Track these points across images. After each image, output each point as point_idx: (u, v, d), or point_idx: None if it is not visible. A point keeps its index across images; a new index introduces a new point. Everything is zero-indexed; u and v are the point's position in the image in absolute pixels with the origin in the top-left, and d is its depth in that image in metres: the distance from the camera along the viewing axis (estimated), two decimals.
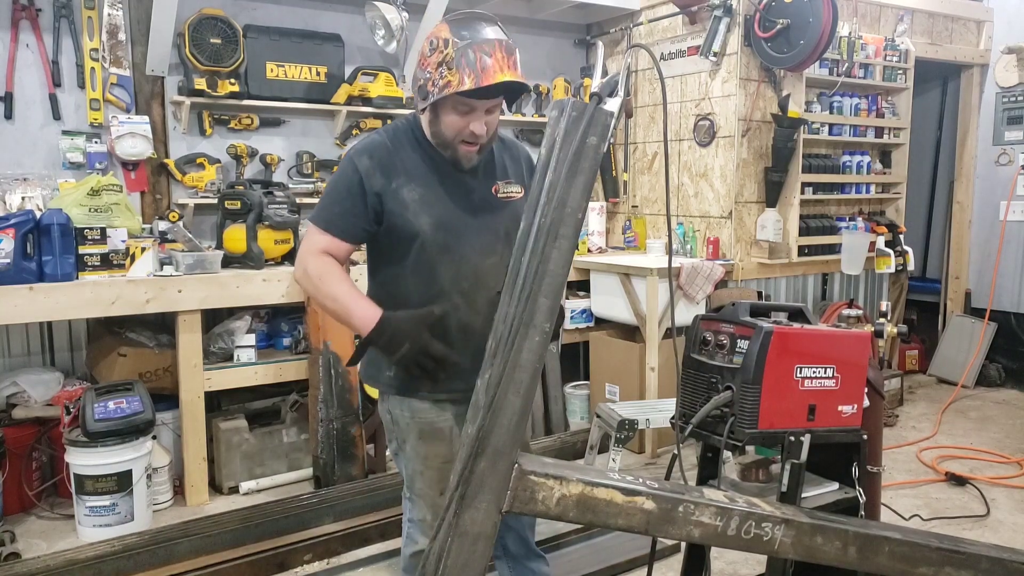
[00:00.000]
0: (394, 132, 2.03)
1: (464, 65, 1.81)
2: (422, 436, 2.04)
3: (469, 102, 1.87)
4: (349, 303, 1.93)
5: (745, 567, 3.03)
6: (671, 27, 4.99)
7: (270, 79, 4.33)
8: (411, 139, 2.01)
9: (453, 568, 1.30)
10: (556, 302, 1.33)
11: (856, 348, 1.82)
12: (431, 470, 2.03)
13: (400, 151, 1.98)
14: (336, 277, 1.95)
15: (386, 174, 1.94)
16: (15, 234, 3.26)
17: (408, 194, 1.94)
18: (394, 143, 1.99)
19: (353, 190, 1.94)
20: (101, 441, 3.31)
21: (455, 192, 1.98)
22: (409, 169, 1.96)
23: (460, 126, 1.90)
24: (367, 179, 1.93)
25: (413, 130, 2.02)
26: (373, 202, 1.94)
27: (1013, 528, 3.48)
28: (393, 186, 1.94)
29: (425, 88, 1.90)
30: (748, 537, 1.50)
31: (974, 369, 5.71)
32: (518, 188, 2.07)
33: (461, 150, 1.94)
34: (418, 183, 1.96)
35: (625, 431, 3.53)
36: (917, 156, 5.93)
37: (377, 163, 1.94)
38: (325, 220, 1.97)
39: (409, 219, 1.94)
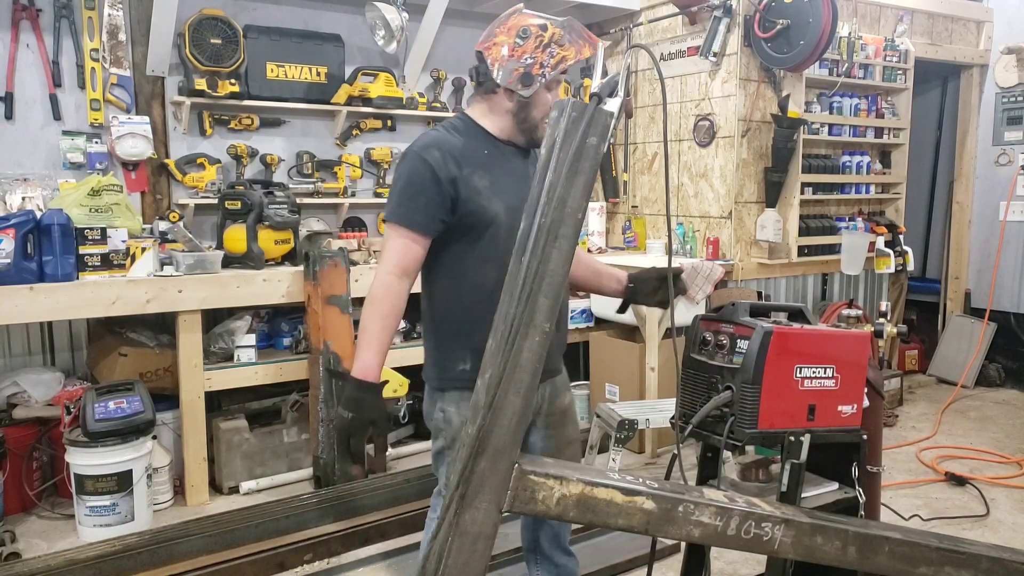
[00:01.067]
0: (452, 127, 2.09)
1: (575, 39, 1.99)
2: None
3: (561, 77, 2.05)
4: (364, 344, 1.96)
5: (745, 567, 3.03)
6: (671, 27, 5.00)
7: (270, 79, 4.34)
8: (470, 132, 2.08)
9: (453, 568, 1.30)
10: (556, 302, 1.33)
11: (856, 348, 1.82)
12: None
13: (460, 141, 2.04)
14: (382, 311, 1.98)
15: (456, 163, 1.99)
16: (15, 234, 3.26)
17: (479, 181, 2.00)
18: (451, 135, 2.06)
19: (427, 183, 1.97)
20: (101, 441, 3.31)
21: (518, 179, 2.07)
22: (475, 158, 2.03)
23: (549, 104, 2.01)
24: (439, 169, 1.97)
25: (468, 125, 2.09)
26: (449, 191, 1.97)
27: (1013, 528, 3.48)
28: (465, 173, 1.99)
29: (530, 74, 1.99)
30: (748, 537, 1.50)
31: (974, 369, 5.71)
32: None
33: (543, 128, 2.00)
34: (485, 171, 2.03)
35: (625, 431, 3.54)
36: (917, 156, 5.93)
37: (447, 153, 1.99)
38: (406, 217, 1.98)
39: (483, 204, 2.00)
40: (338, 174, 4.66)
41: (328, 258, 3.79)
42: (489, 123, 2.08)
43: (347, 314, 3.83)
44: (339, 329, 3.79)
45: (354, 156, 4.72)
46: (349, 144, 4.75)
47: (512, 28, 2.00)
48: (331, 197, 4.60)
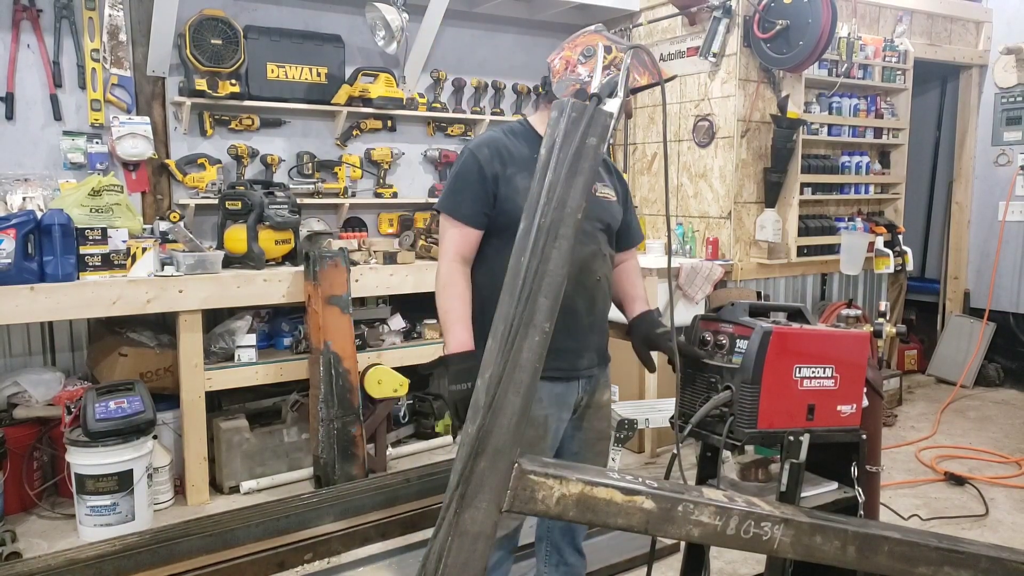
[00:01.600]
0: (510, 129, 2.20)
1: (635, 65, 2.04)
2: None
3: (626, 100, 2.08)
4: (451, 322, 2.07)
5: (744, 567, 3.03)
6: (671, 28, 5.00)
7: (271, 80, 4.34)
8: (526, 136, 2.17)
9: (453, 567, 1.31)
10: (556, 302, 1.34)
11: (855, 348, 1.82)
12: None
13: (515, 145, 2.14)
14: (456, 292, 2.09)
15: (502, 162, 2.09)
16: (16, 234, 3.26)
17: (521, 182, 2.07)
18: (508, 136, 2.16)
19: (474, 177, 2.09)
20: (102, 441, 3.32)
21: None
22: (522, 159, 2.10)
23: None
24: (486, 166, 2.08)
25: (527, 130, 2.19)
26: (491, 187, 2.08)
27: (1012, 528, 3.48)
28: (508, 172, 2.08)
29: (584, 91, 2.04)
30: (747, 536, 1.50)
31: (973, 369, 5.72)
32: (611, 193, 2.24)
33: None
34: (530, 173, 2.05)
35: (625, 431, 3.54)
36: (916, 157, 5.94)
37: (494, 152, 2.10)
38: (452, 207, 2.12)
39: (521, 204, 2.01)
40: (338, 174, 4.67)
41: (328, 258, 3.80)
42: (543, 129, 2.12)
43: (347, 314, 3.83)
44: (339, 329, 3.79)
45: (354, 156, 4.73)
46: (349, 144, 4.76)
47: (579, 45, 2.08)
48: (331, 197, 4.61)
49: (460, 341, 2.05)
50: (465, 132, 5.14)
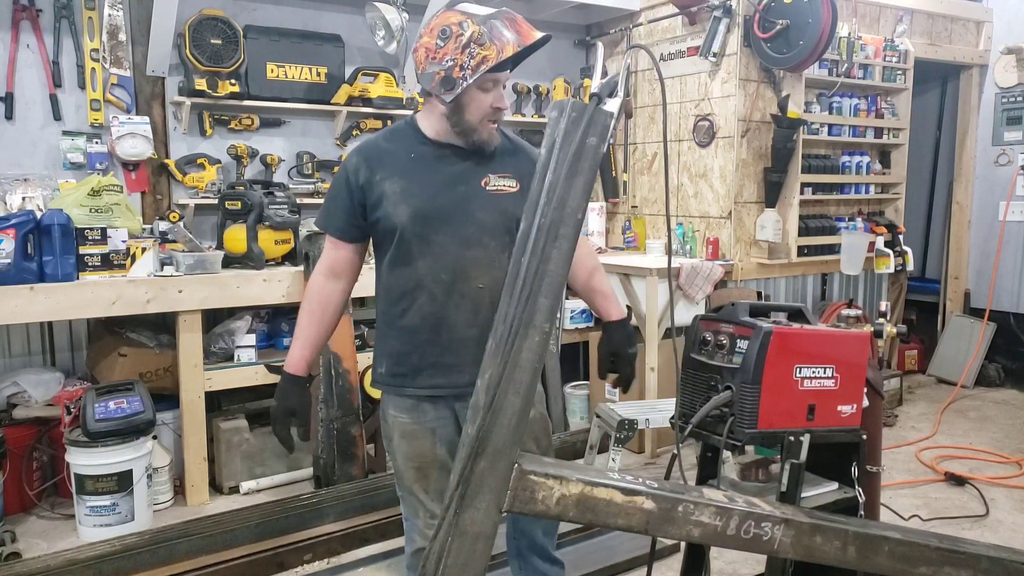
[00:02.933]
0: (391, 131, 2.10)
1: (496, 36, 1.86)
2: (403, 435, 2.08)
3: (494, 76, 1.93)
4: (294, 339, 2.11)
5: (745, 567, 3.03)
6: (671, 28, 5.00)
7: (270, 79, 4.34)
8: (406, 136, 2.04)
9: (453, 568, 1.31)
10: (556, 302, 1.34)
11: (855, 348, 1.82)
12: (410, 470, 2.08)
13: (391, 147, 2.02)
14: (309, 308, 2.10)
15: (371, 168, 1.98)
16: (16, 234, 3.26)
17: (390, 186, 1.96)
18: (387, 140, 2.05)
19: (342, 188, 2.02)
20: (101, 441, 3.32)
21: (439, 184, 1.98)
22: (395, 163, 1.99)
23: (485, 104, 1.94)
24: (353, 175, 1.99)
25: (410, 128, 2.05)
26: (359, 196, 1.99)
27: (1012, 528, 3.48)
28: (377, 178, 1.97)
29: (451, 77, 1.90)
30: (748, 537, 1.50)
31: (973, 369, 5.72)
32: (512, 183, 2.03)
33: (486, 130, 1.97)
34: (401, 175, 1.97)
35: (625, 431, 3.54)
36: (916, 156, 5.93)
37: (364, 158, 2.00)
38: (323, 220, 2.09)
39: (388, 210, 1.96)
40: None
41: None
42: (427, 125, 2.03)
43: (347, 314, 3.83)
44: (339, 329, 3.78)
45: None
46: (349, 144, 4.75)
47: (434, 28, 1.93)
48: None
49: (292, 361, 2.08)
50: None
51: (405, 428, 2.07)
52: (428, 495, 2.07)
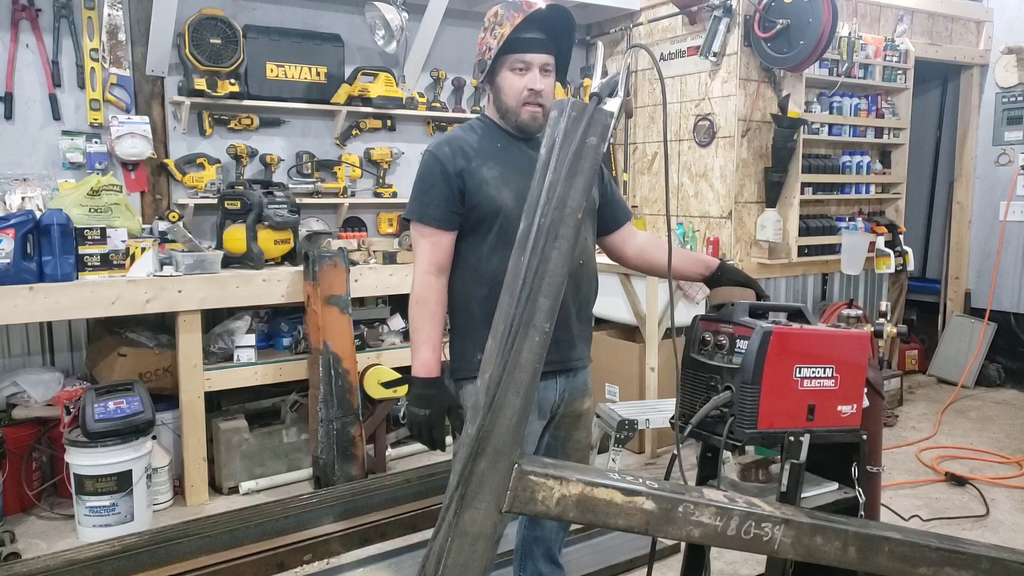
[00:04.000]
0: (468, 125, 2.17)
1: (511, 12, 1.98)
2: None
3: (526, 59, 2.00)
4: (419, 343, 2.04)
5: (745, 567, 3.03)
6: (671, 27, 5.00)
7: (270, 79, 4.33)
8: (484, 127, 2.13)
9: (453, 568, 1.30)
10: (556, 302, 1.33)
11: (856, 348, 1.82)
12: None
13: (475, 137, 2.10)
14: (428, 310, 2.04)
15: (465, 156, 2.04)
16: (15, 234, 3.26)
17: (487, 172, 2.03)
18: (468, 132, 2.12)
19: (437, 177, 2.04)
20: (101, 441, 3.31)
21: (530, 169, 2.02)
22: (485, 151, 2.07)
23: (520, 86, 2.02)
24: (448, 163, 2.03)
25: (485, 121, 2.15)
26: (457, 183, 2.03)
27: (1013, 528, 3.48)
28: (473, 165, 2.03)
29: (483, 60, 2.04)
30: (748, 537, 1.50)
31: (974, 369, 5.71)
32: None
33: (525, 112, 2.04)
34: (495, 162, 2.05)
35: (625, 431, 3.54)
36: (917, 156, 5.93)
37: (456, 148, 2.06)
38: (419, 212, 2.06)
39: (491, 194, 2.03)
40: (338, 174, 4.66)
41: (328, 258, 3.79)
42: (495, 117, 2.12)
43: (347, 314, 3.83)
44: (339, 329, 3.79)
45: (354, 156, 4.72)
46: (349, 144, 4.75)
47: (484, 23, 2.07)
48: (331, 197, 4.60)
49: (426, 365, 2.02)
50: None
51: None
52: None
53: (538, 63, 2.02)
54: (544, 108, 2.05)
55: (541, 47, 2.02)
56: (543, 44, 2.02)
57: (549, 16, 2.01)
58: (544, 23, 2.01)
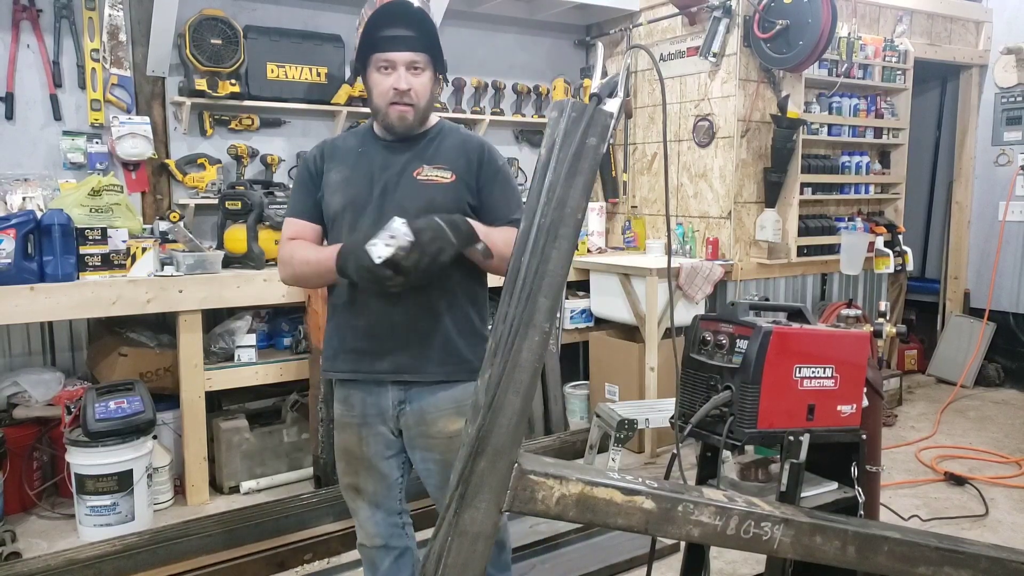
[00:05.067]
0: (355, 129, 2.19)
1: (364, 10, 1.96)
2: (337, 426, 2.16)
3: (389, 57, 1.95)
4: (319, 255, 1.99)
5: (745, 567, 3.03)
6: (671, 28, 5.00)
7: (270, 80, 4.34)
8: (363, 133, 2.12)
9: (453, 568, 1.31)
10: (556, 302, 1.34)
11: (855, 348, 1.82)
12: (342, 462, 2.16)
13: (344, 142, 2.12)
14: (301, 246, 2.04)
15: (325, 159, 2.08)
16: (16, 234, 3.26)
17: (334, 176, 2.05)
18: (345, 137, 2.16)
19: (304, 176, 2.11)
20: (102, 441, 3.32)
21: (370, 173, 2.03)
22: (344, 155, 2.08)
23: (386, 86, 1.96)
24: (311, 165, 2.09)
25: (368, 127, 2.13)
26: (316, 182, 2.08)
27: (1012, 528, 3.48)
28: (326, 168, 2.07)
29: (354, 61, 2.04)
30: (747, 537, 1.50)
31: (973, 369, 5.72)
32: (447, 174, 2.01)
33: (393, 112, 1.99)
34: (346, 166, 2.06)
35: (625, 431, 3.54)
36: (916, 156, 5.93)
37: (320, 150, 2.11)
38: (289, 207, 2.15)
39: (328, 199, 2.05)
40: None
41: None
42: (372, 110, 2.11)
43: None
44: None
45: None
46: None
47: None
48: None
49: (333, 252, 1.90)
50: None
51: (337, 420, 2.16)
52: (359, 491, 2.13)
53: (402, 61, 1.94)
54: (416, 107, 1.98)
55: (404, 45, 1.93)
56: (407, 41, 1.93)
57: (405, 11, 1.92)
58: (407, 18, 1.93)
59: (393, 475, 2.12)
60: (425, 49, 1.97)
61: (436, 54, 2.00)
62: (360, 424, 2.08)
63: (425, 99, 2.00)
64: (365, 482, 2.10)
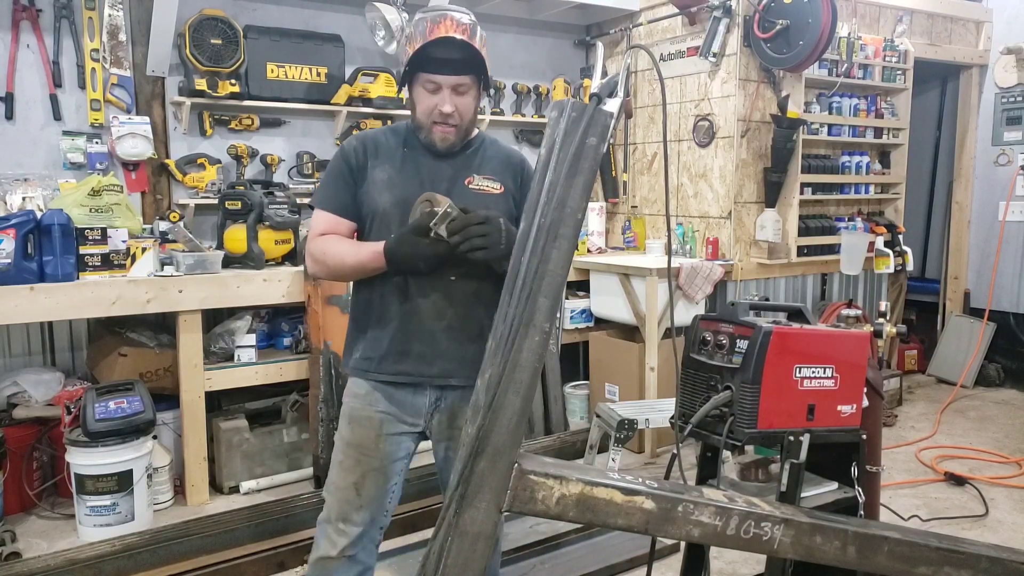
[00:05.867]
0: (392, 128, 2.14)
1: (416, 34, 1.93)
2: (351, 420, 2.08)
3: (435, 79, 1.95)
4: (357, 250, 1.98)
5: (745, 567, 3.03)
6: (671, 28, 5.00)
7: (270, 80, 4.34)
8: (401, 132, 2.10)
9: (453, 568, 1.31)
10: (556, 302, 1.34)
11: (855, 348, 1.82)
12: (349, 459, 2.07)
13: (386, 139, 2.08)
14: (335, 241, 2.01)
15: (367, 154, 2.04)
16: (16, 234, 3.26)
17: (380, 174, 2.02)
18: (383, 134, 2.11)
19: (341, 169, 2.05)
20: (102, 441, 3.31)
21: (424, 177, 2.02)
22: (388, 154, 2.05)
23: (430, 106, 1.97)
24: (351, 157, 2.04)
25: (407, 125, 2.11)
26: (356, 176, 2.04)
27: (1012, 528, 3.48)
28: (369, 164, 2.03)
29: (399, 73, 2.01)
30: (747, 537, 1.50)
31: (973, 369, 5.72)
32: (497, 185, 2.06)
33: (436, 132, 1.99)
34: (391, 165, 2.04)
35: (625, 431, 3.54)
36: (916, 156, 5.94)
37: (360, 144, 2.06)
38: (320, 199, 2.08)
39: (374, 196, 2.02)
40: None
41: None
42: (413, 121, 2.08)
43: (347, 314, 3.82)
44: (339, 329, 3.78)
45: None
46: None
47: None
48: None
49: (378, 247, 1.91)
50: None
51: (355, 414, 2.07)
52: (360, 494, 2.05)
53: (448, 84, 1.95)
54: (458, 128, 1.99)
55: (451, 68, 1.93)
56: (455, 65, 1.93)
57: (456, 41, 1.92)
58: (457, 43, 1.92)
59: (392, 481, 2.10)
60: (471, 71, 1.97)
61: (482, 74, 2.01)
62: (383, 421, 2.05)
63: (468, 118, 2.02)
64: (369, 482, 2.06)
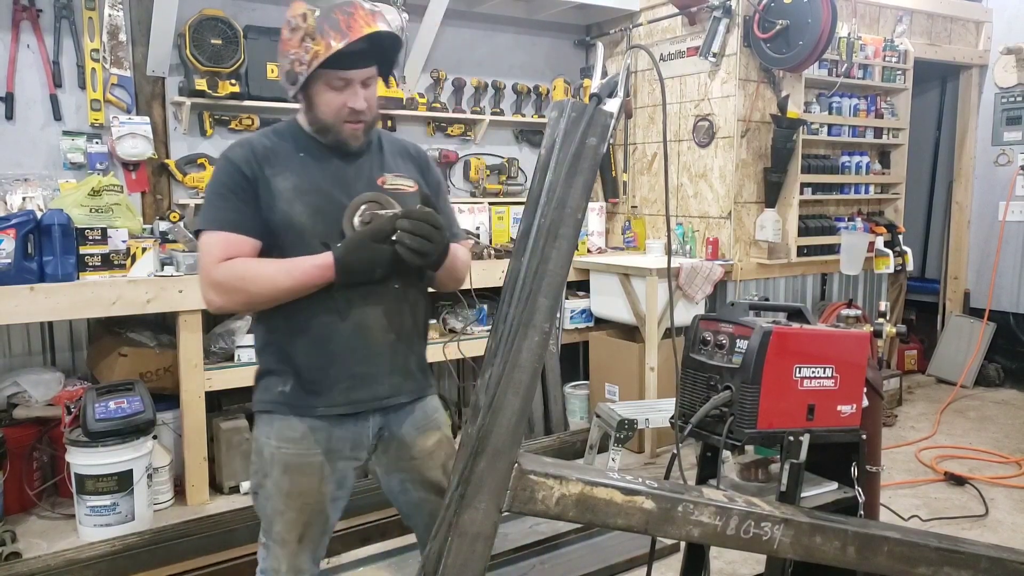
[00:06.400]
0: (272, 130, 1.91)
1: (327, 29, 1.70)
2: (287, 470, 1.81)
3: (343, 75, 1.76)
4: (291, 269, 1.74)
5: (744, 567, 3.03)
6: (671, 28, 5.00)
7: (271, 80, 4.33)
8: (289, 133, 1.88)
9: (453, 568, 1.31)
10: (556, 302, 1.34)
11: (855, 348, 1.82)
12: (291, 510, 1.81)
13: (274, 143, 1.85)
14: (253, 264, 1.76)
15: (259, 162, 1.79)
16: (16, 234, 3.26)
17: (282, 183, 1.78)
18: (268, 138, 1.86)
19: (235, 181, 1.78)
20: (102, 441, 3.31)
21: (333, 182, 1.82)
22: (284, 160, 1.81)
23: (338, 104, 1.78)
24: (244, 166, 1.78)
25: (289, 127, 1.90)
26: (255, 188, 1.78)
27: (1012, 528, 3.48)
28: (267, 174, 1.78)
29: (293, 72, 1.76)
30: (747, 537, 1.50)
31: (973, 369, 5.72)
32: (410, 183, 1.90)
33: (346, 130, 1.81)
34: (292, 172, 1.80)
35: (624, 431, 3.54)
36: (916, 157, 5.93)
37: (250, 152, 1.80)
38: (212, 220, 1.78)
39: (283, 208, 1.77)
40: None
41: None
42: (305, 123, 1.87)
43: None
44: None
45: None
46: None
47: (288, 16, 1.77)
48: None
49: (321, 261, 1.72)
50: (465, 132, 5.14)
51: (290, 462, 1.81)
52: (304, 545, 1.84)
53: (359, 79, 1.78)
54: (367, 124, 1.83)
55: (361, 60, 1.77)
56: (364, 56, 1.76)
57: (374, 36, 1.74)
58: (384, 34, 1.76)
59: (334, 517, 1.91)
60: (376, 60, 1.82)
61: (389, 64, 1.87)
62: (323, 464, 1.82)
63: (375, 112, 1.86)
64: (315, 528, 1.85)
